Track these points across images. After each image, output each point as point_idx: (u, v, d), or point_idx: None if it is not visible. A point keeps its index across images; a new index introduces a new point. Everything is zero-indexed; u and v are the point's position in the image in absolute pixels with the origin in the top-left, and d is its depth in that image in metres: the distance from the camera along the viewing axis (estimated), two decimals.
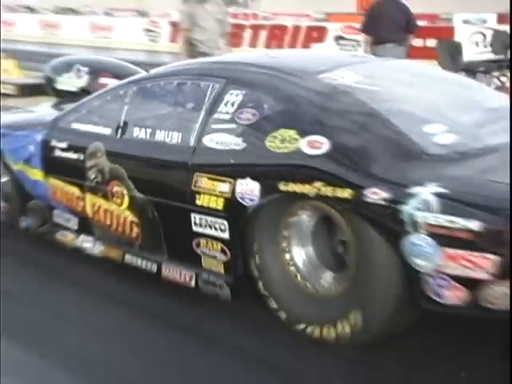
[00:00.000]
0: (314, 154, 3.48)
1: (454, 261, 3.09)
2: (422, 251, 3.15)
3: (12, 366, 3.50)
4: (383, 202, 3.20)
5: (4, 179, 5.28)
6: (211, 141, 3.92)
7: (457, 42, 10.18)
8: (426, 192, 3.13)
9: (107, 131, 4.52)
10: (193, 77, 4.43)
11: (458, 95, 4.28)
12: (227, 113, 3.95)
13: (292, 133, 3.61)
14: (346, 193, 3.30)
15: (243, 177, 3.69)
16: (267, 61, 4.66)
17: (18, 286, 4.58)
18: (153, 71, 4.88)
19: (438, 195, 3.10)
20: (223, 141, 3.88)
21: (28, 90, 12.22)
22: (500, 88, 7.76)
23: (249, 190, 3.66)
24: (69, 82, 5.56)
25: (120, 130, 4.45)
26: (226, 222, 3.78)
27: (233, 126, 3.87)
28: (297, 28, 19.90)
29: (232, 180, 3.71)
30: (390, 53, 9.10)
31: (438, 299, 3.20)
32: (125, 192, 4.32)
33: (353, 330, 3.43)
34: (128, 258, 4.41)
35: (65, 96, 5.52)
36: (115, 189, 4.37)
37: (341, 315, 3.47)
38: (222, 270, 3.91)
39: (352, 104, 3.75)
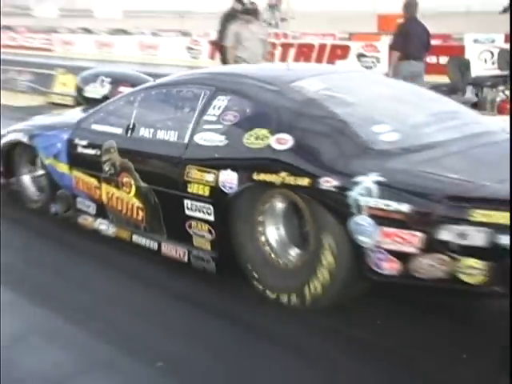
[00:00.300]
0: (280, 149, 3.70)
1: (389, 237, 3.29)
2: (364, 230, 3.35)
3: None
4: (334, 189, 3.43)
5: (40, 172, 5.50)
6: (201, 138, 4.13)
7: (466, 59, 10.21)
8: (368, 180, 3.35)
9: (119, 131, 4.72)
10: (189, 85, 4.62)
11: (408, 101, 4.42)
12: (214, 115, 4.15)
13: (265, 131, 3.83)
14: (304, 181, 3.53)
15: (225, 168, 3.90)
16: (249, 71, 4.91)
17: (48, 258, 4.87)
18: (157, 81, 5.09)
19: (378, 183, 3.32)
20: (210, 138, 4.09)
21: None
22: (504, 101, 7.82)
23: (229, 179, 3.86)
24: (94, 91, 5.81)
25: (129, 130, 4.66)
26: (211, 207, 3.99)
27: (218, 126, 4.08)
28: (322, 46, 19.69)
29: (216, 171, 3.93)
30: (414, 68, 9.24)
31: (378, 270, 3.38)
32: (132, 182, 4.52)
33: (313, 297, 3.64)
34: (135, 237, 4.61)
35: (91, 103, 5.74)
36: (124, 179, 4.58)
37: (304, 284, 3.67)
38: (209, 247, 4.11)
39: (314, 107, 3.94)
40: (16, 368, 3.09)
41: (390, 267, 3.35)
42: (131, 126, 4.67)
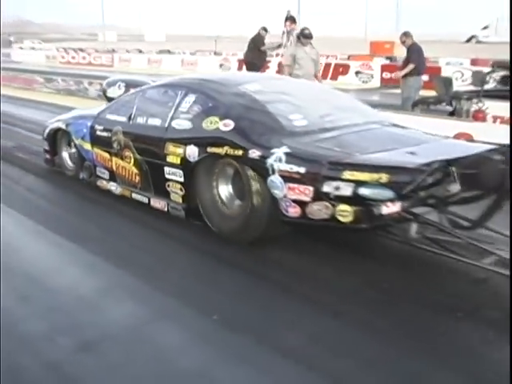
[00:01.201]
0: (225, 130, 4.10)
1: (292, 191, 3.67)
2: (277, 185, 3.74)
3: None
4: (257, 157, 3.83)
5: (73, 150, 5.85)
6: (176, 124, 4.50)
7: (449, 77, 10.23)
8: (280, 152, 3.76)
9: (124, 119, 5.04)
10: (171, 87, 4.97)
11: (318, 98, 4.78)
12: (185, 108, 4.51)
13: (216, 118, 4.21)
14: (239, 152, 3.94)
15: (190, 144, 4.28)
16: (211, 77, 5.24)
17: (79, 207, 5.27)
18: (152, 84, 5.44)
19: (286, 154, 3.74)
20: (181, 124, 4.47)
21: None
22: (477, 111, 7.96)
23: (192, 152, 4.25)
24: (113, 92, 6.13)
25: (131, 118, 4.97)
26: (181, 172, 4.37)
27: (187, 115, 4.45)
28: (328, 65, 19.37)
29: (184, 146, 4.31)
30: (420, 82, 9.24)
31: (287, 214, 3.77)
32: (131, 155, 4.86)
33: (248, 233, 4.03)
34: (134, 195, 4.96)
35: (111, 100, 6.04)
36: (126, 153, 4.91)
37: (241, 225, 4.04)
38: (180, 201, 4.48)
39: (250, 101, 4.30)
40: (100, 316, 3.08)
41: (294, 211, 3.70)
42: (132, 116, 4.97)
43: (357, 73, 18.42)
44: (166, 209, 4.62)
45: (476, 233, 3.66)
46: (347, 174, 3.42)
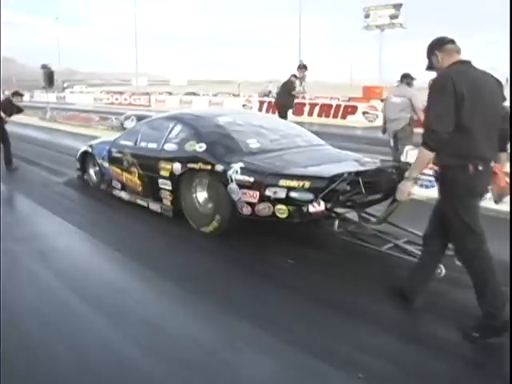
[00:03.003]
0: (199, 151, 4.51)
1: (245, 195, 4.05)
2: (234, 191, 4.11)
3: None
4: (221, 171, 4.22)
5: (96, 168, 6.22)
6: (167, 147, 4.91)
7: None
8: (237, 166, 4.15)
9: (131, 143, 5.44)
10: (165, 120, 5.34)
11: (274, 128, 5.11)
12: (174, 135, 4.93)
13: (194, 142, 4.62)
14: (208, 167, 4.33)
15: (175, 161, 4.67)
16: (196, 112, 5.60)
17: (103, 210, 5.53)
18: (152, 117, 5.80)
19: (241, 168, 4.12)
20: (171, 147, 4.88)
21: None
22: None
23: (177, 167, 4.65)
24: (128, 124, 6.53)
25: (136, 143, 5.37)
26: (169, 182, 4.76)
27: (175, 140, 4.87)
28: (338, 106, 18.60)
29: (172, 163, 4.70)
30: None
31: (242, 212, 4.13)
32: (136, 171, 5.24)
33: (215, 228, 4.34)
34: (138, 200, 5.32)
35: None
36: (132, 169, 5.29)
37: (211, 221, 4.36)
38: (169, 204, 4.86)
39: (220, 129, 4.69)
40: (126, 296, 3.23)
41: (247, 210, 4.09)
42: (137, 141, 5.37)
43: (364, 113, 17.61)
44: (159, 210, 4.99)
45: (381, 226, 4.01)
46: (282, 182, 3.80)
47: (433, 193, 4.31)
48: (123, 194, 5.58)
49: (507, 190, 2.86)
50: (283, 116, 9.26)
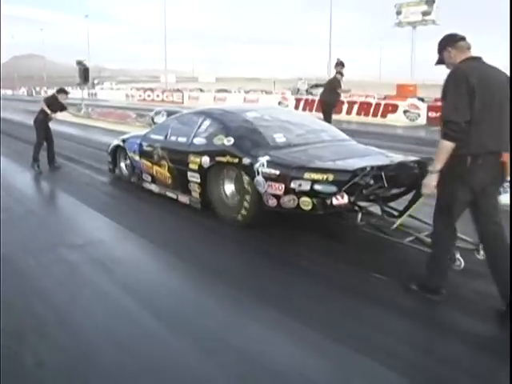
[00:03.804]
0: (228, 145, 4.65)
1: (271, 187, 4.17)
2: (260, 183, 4.25)
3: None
4: (248, 164, 4.35)
5: (127, 161, 6.43)
6: (196, 141, 5.08)
7: None
8: (263, 159, 4.27)
9: (162, 138, 5.62)
10: (194, 115, 5.53)
11: (300, 123, 5.22)
12: (203, 129, 5.09)
13: (222, 136, 4.77)
14: (236, 160, 4.46)
15: (204, 155, 4.83)
16: (224, 108, 5.72)
17: (129, 201, 5.72)
18: (182, 112, 5.98)
19: (267, 161, 4.24)
20: (200, 140, 5.04)
21: None
22: None
23: (205, 160, 4.80)
24: (158, 119, 6.73)
25: (166, 137, 5.54)
26: (198, 175, 4.92)
27: (204, 134, 5.03)
28: (378, 104, 18.20)
29: (201, 156, 4.87)
30: None
31: (268, 204, 4.26)
32: (166, 164, 5.41)
33: (244, 218, 4.48)
34: (167, 193, 5.51)
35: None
36: (162, 162, 5.48)
37: (239, 212, 4.50)
38: (198, 196, 5.03)
39: (247, 123, 4.82)
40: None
41: (272, 202, 4.22)
42: (167, 135, 5.55)
43: (405, 111, 17.18)
44: (188, 202, 5.17)
45: (402, 219, 4.09)
46: (307, 175, 3.92)
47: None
48: (153, 187, 5.78)
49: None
50: (328, 113, 9.06)
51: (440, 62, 3.00)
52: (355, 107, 18.35)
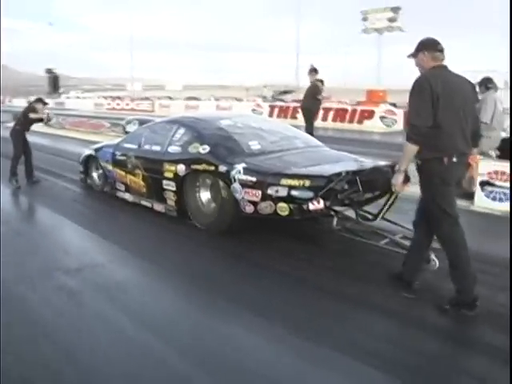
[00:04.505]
0: (203, 153, 4.66)
1: (248, 194, 4.21)
2: (237, 190, 4.27)
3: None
4: (224, 171, 4.38)
5: (100, 171, 6.34)
6: (171, 149, 5.07)
7: None
8: (240, 167, 4.31)
9: (135, 146, 5.58)
10: (168, 123, 5.50)
11: (273, 130, 5.30)
12: (177, 137, 5.08)
13: (197, 144, 4.78)
14: (212, 167, 4.48)
15: (179, 163, 4.82)
16: (198, 115, 5.74)
17: (104, 210, 5.59)
18: (155, 121, 5.94)
19: (244, 168, 4.28)
20: (174, 149, 5.03)
21: None
22: None
23: (181, 168, 4.81)
24: (130, 128, 6.66)
25: (140, 146, 5.51)
26: (173, 183, 4.91)
27: (179, 142, 5.02)
28: (354, 110, 17.96)
29: (176, 165, 4.85)
30: None
31: (244, 210, 4.29)
32: (140, 172, 5.38)
33: (219, 226, 4.49)
34: (142, 201, 5.47)
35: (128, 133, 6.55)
36: (136, 171, 5.44)
37: (215, 220, 4.52)
38: (173, 204, 5.01)
39: (222, 131, 4.83)
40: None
41: (249, 209, 4.26)
42: (141, 143, 5.52)
43: (381, 117, 16.99)
44: (163, 210, 5.15)
45: (376, 223, 4.18)
46: (283, 181, 3.97)
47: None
48: (127, 196, 5.73)
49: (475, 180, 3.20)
50: (309, 121, 9.00)
51: (412, 56, 3.13)
52: (331, 113, 18.23)
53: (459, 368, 2.54)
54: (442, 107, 2.87)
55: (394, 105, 17.34)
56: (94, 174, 6.50)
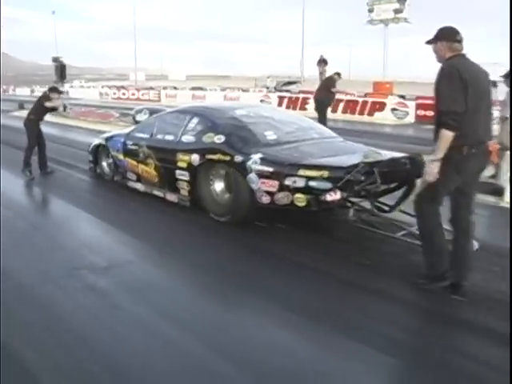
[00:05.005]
0: (218, 142, 4.61)
1: (264, 184, 4.18)
2: (253, 180, 4.24)
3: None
4: (240, 161, 4.33)
5: (110, 160, 6.29)
6: (184, 138, 5.03)
7: None
8: (256, 157, 4.27)
9: (147, 136, 5.53)
10: (181, 113, 5.45)
11: (288, 121, 5.24)
12: (191, 127, 5.04)
13: (212, 134, 4.72)
14: (227, 158, 4.43)
15: (193, 153, 4.78)
16: (211, 105, 5.67)
17: (116, 199, 5.57)
18: (167, 110, 5.88)
19: (260, 158, 4.23)
20: (188, 138, 4.99)
21: None
22: None
23: (195, 158, 4.76)
24: (140, 117, 6.59)
25: (152, 135, 5.46)
26: (187, 173, 4.87)
27: (193, 132, 4.97)
28: (365, 102, 17.40)
29: (190, 154, 4.81)
30: None
31: (261, 201, 4.25)
32: (152, 162, 5.33)
33: (235, 217, 4.43)
34: (154, 191, 5.43)
35: (138, 123, 6.51)
36: (149, 161, 5.39)
37: (230, 211, 4.46)
38: (186, 194, 4.98)
39: (237, 121, 4.78)
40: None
41: (266, 199, 4.22)
42: (153, 133, 5.47)
43: (393, 109, 16.58)
44: (176, 200, 5.12)
45: (393, 214, 4.15)
46: (301, 172, 3.92)
47: None
48: (139, 186, 5.69)
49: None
50: (322, 113, 8.83)
51: (430, 43, 3.10)
52: (341, 105, 17.57)
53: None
54: (470, 93, 2.84)
55: (403, 97, 17.02)
56: (104, 164, 6.46)
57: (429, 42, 3.12)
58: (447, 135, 2.87)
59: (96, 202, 5.68)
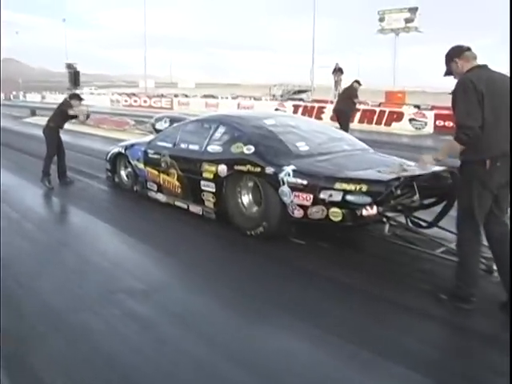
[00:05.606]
0: (248, 153, 4.46)
1: (297, 197, 4.02)
2: (286, 193, 4.08)
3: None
4: (272, 173, 4.18)
5: (129, 169, 6.15)
6: (210, 148, 4.87)
7: None
8: (289, 169, 4.11)
9: (170, 145, 5.39)
10: (206, 121, 5.32)
11: (317, 131, 5.11)
12: (217, 136, 4.89)
13: (241, 144, 4.57)
14: (258, 169, 4.28)
15: (220, 163, 4.62)
16: (239, 114, 5.51)
17: (136, 210, 5.45)
18: (191, 119, 5.75)
19: (293, 170, 4.07)
20: (214, 148, 4.84)
21: None
22: None
23: (222, 169, 4.60)
24: (160, 125, 6.45)
25: (175, 145, 5.31)
26: (213, 184, 4.72)
27: (219, 142, 4.82)
28: (382, 111, 17.11)
29: (216, 165, 4.66)
30: None
31: (293, 215, 4.08)
32: (175, 172, 5.19)
33: (264, 231, 4.28)
34: (176, 202, 5.28)
35: (158, 132, 6.38)
36: (171, 171, 5.25)
37: (258, 224, 4.30)
38: (212, 206, 4.83)
39: (267, 132, 4.64)
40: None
41: (298, 213, 4.05)
42: (176, 143, 5.33)
43: (411, 120, 16.26)
44: (200, 213, 4.96)
45: (431, 231, 3.96)
46: (338, 185, 3.75)
47: None
48: (160, 196, 5.55)
49: None
50: (344, 123, 8.66)
51: (448, 73, 3.11)
52: (357, 114, 17.00)
53: None
54: (487, 106, 2.80)
55: (418, 107, 16.80)
56: (123, 173, 6.32)
57: (447, 74, 3.09)
58: (455, 145, 2.89)
59: (122, 217, 5.39)
